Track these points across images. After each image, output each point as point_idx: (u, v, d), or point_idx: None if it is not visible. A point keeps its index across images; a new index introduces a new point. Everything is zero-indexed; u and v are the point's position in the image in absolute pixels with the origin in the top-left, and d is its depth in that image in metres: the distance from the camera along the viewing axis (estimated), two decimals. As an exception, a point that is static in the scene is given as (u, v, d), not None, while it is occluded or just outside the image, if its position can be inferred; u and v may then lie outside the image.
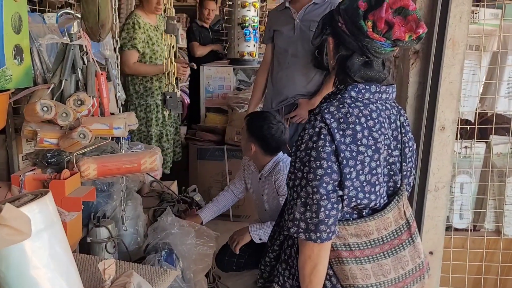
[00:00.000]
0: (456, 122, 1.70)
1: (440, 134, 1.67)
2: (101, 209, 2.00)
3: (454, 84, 1.64)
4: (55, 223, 0.95)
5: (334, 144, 1.14)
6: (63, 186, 1.45)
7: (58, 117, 1.57)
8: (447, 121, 1.67)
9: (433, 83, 1.61)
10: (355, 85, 1.20)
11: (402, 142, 1.27)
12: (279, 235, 1.39)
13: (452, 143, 1.70)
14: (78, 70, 1.69)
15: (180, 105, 1.77)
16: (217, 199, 2.78)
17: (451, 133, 1.69)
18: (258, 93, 2.97)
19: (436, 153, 1.69)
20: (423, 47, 1.63)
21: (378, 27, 1.12)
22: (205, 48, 4.84)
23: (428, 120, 1.64)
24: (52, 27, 1.90)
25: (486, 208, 2.03)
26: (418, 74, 1.64)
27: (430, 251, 1.81)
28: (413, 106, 1.67)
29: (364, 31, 1.13)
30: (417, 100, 1.66)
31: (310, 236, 1.16)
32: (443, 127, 1.66)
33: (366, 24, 1.13)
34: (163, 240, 2.11)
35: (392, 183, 1.27)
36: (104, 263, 1.11)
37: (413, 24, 1.13)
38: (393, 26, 1.12)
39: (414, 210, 1.71)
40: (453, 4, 1.54)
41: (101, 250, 1.92)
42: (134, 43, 3.03)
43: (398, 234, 1.25)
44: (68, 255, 0.98)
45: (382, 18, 1.11)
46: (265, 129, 2.30)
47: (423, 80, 1.63)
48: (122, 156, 1.80)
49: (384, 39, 1.14)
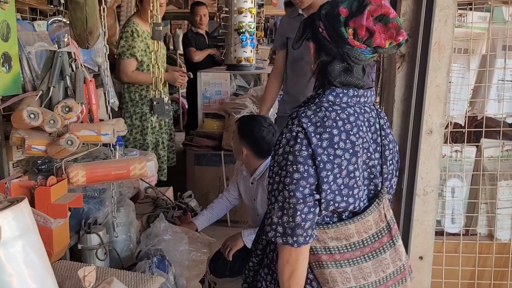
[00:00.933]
0: (443, 125, 1.70)
1: (427, 138, 1.66)
2: (93, 216, 2.00)
3: (441, 88, 1.64)
4: (30, 230, 0.95)
5: (311, 148, 1.14)
6: (48, 192, 1.45)
7: (45, 124, 1.58)
8: (434, 125, 1.66)
9: (420, 86, 1.61)
10: (333, 89, 1.21)
11: (382, 144, 1.27)
12: (262, 240, 1.39)
13: (440, 146, 1.70)
14: (67, 77, 1.70)
15: (168, 111, 1.77)
16: (212, 206, 2.77)
17: (438, 137, 1.68)
18: (269, 98, 2.98)
19: (423, 156, 1.68)
20: (409, 50, 1.63)
21: (359, 34, 1.13)
22: (202, 53, 4.87)
23: (415, 123, 1.64)
24: (42, 34, 1.92)
25: (478, 212, 2.02)
26: (404, 77, 1.64)
27: (420, 255, 1.80)
28: (400, 110, 1.67)
29: (345, 38, 1.14)
30: (404, 104, 1.66)
31: (287, 240, 1.16)
32: (430, 131, 1.66)
33: (347, 31, 1.14)
34: (155, 247, 2.11)
35: (373, 186, 1.27)
36: (84, 270, 1.11)
37: (394, 32, 1.14)
38: (374, 33, 1.13)
39: (402, 214, 1.70)
40: (437, 7, 1.54)
41: (92, 256, 1.92)
42: (133, 51, 3.05)
43: (378, 237, 1.25)
44: (44, 263, 0.97)
45: (363, 25, 1.12)
46: (256, 132, 2.30)
47: (409, 83, 1.63)
48: (111, 163, 1.81)
49: (365, 46, 1.15)
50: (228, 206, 2.80)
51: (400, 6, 1.60)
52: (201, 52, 4.86)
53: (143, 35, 3.10)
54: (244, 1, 3.96)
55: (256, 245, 1.42)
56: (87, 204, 1.97)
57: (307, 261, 1.22)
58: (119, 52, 3.10)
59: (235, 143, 2.42)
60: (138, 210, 2.49)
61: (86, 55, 2.13)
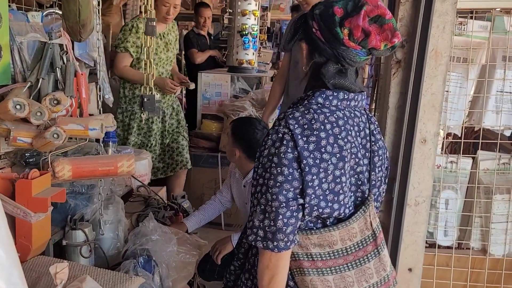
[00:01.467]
0: (438, 135, 1.66)
1: (421, 147, 1.62)
2: (79, 212, 1.97)
3: (437, 96, 1.60)
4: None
5: (297, 151, 1.11)
6: (30, 185, 1.42)
7: (31, 116, 1.55)
8: (428, 134, 1.63)
9: (414, 94, 1.57)
10: (323, 91, 1.18)
11: (371, 150, 1.23)
12: (245, 244, 1.36)
13: (434, 156, 1.66)
14: (57, 69, 1.68)
15: (158, 108, 1.74)
16: (204, 207, 2.74)
17: (432, 146, 1.65)
18: (273, 100, 2.98)
19: (416, 166, 1.64)
20: (405, 57, 1.59)
21: (354, 35, 1.10)
22: (204, 54, 4.86)
23: (408, 132, 1.60)
24: (36, 25, 1.89)
25: (472, 225, 1.97)
26: (399, 84, 1.61)
27: (409, 267, 1.76)
28: (394, 117, 1.63)
29: (340, 38, 1.11)
30: (398, 111, 1.62)
31: (268, 244, 1.13)
32: (424, 140, 1.62)
33: (342, 32, 1.11)
34: (142, 246, 2.07)
35: (360, 193, 1.23)
36: (56, 266, 1.08)
37: (389, 33, 1.11)
38: (369, 34, 1.10)
39: (392, 224, 1.66)
40: (436, 14, 1.51)
41: (76, 253, 1.88)
42: (126, 45, 3.02)
43: (363, 245, 1.21)
44: (11, 258, 0.93)
45: (359, 26, 1.09)
46: (250, 134, 2.27)
47: (404, 90, 1.60)
48: (98, 158, 1.78)
49: (360, 47, 1.12)
50: (221, 208, 2.77)
51: (397, 10, 1.57)
52: (202, 53, 4.85)
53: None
54: (248, 3, 3.94)
55: (239, 248, 1.39)
56: (75, 200, 1.94)
57: (288, 267, 1.18)
58: (115, 45, 3.09)
59: (229, 144, 2.39)
60: (129, 209, 2.46)
61: (82, 49, 2.11)
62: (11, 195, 1.46)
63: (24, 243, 1.45)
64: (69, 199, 1.87)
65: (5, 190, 1.47)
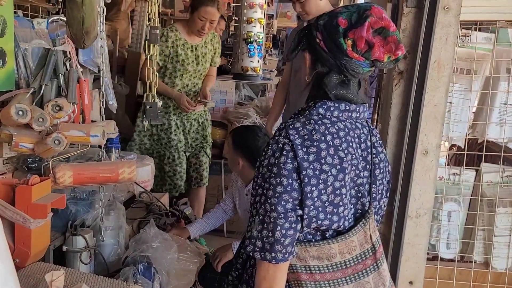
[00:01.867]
0: (440, 146, 1.64)
1: (422, 159, 1.61)
2: (80, 218, 1.97)
3: (439, 107, 1.59)
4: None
5: (297, 161, 1.10)
6: (29, 191, 1.43)
7: (33, 122, 1.56)
8: (430, 145, 1.61)
9: (416, 105, 1.56)
10: (324, 102, 1.17)
11: (373, 163, 1.22)
12: (243, 254, 1.35)
13: (436, 168, 1.64)
14: (60, 76, 1.69)
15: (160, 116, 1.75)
16: (207, 215, 2.73)
17: (434, 158, 1.63)
18: (276, 109, 2.99)
19: (418, 178, 1.63)
20: (407, 68, 1.59)
21: (357, 46, 1.10)
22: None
23: (410, 143, 1.59)
24: (41, 32, 1.91)
25: (474, 238, 1.95)
26: (401, 95, 1.60)
27: (410, 280, 1.74)
28: (396, 128, 1.62)
29: (344, 49, 1.11)
30: (400, 122, 1.61)
31: (265, 255, 1.12)
32: (426, 151, 1.61)
33: (346, 43, 1.10)
34: (142, 253, 2.07)
35: (360, 206, 1.22)
36: (52, 274, 1.08)
37: (393, 46, 1.11)
38: (373, 46, 1.10)
39: (392, 236, 1.64)
40: (438, 25, 1.50)
41: (76, 259, 1.88)
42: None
43: (362, 258, 1.20)
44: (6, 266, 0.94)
45: (363, 37, 1.09)
46: (251, 142, 2.26)
47: (406, 101, 1.59)
48: (99, 165, 1.79)
49: (363, 58, 1.12)
50: (224, 217, 2.76)
51: (400, 22, 1.56)
52: None
53: (175, 42, 2.99)
54: (253, 11, 3.96)
55: (237, 258, 1.38)
56: (76, 205, 1.94)
57: (285, 279, 1.17)
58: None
59: (230, 154, 2.38)
60: (130, 215, 2.46)
61: (86, 56, 2.12)
62: (11, 200, 1.47)
63: (23, 249, 1.45)
64: (70, 205, 1.88)
65: (6, 196, 1.48)
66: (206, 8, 2.82)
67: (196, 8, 2.85)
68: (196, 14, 2.86)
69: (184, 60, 3.02)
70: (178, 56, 2.99)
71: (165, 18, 5.84)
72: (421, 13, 1.53)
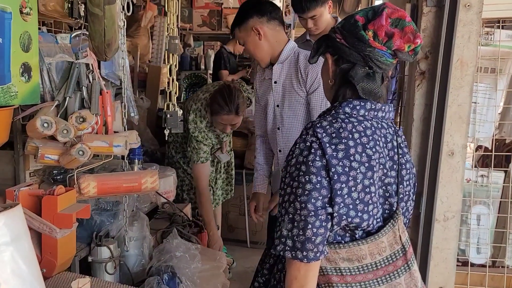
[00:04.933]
0: (466, 147, 1.60)
1: (448, 160, 1.57)
2: (105, 228, 1.99)
3: (463, 107, 1.56)
4: (21, 237, 0.93)
5: (325, 159, 1.10)
6: (55, 202, 1.45)
7: (58, 133, 1.59)
8: (456, 146, 1.57)
9: (440, 105, 1.53)
10: (350, 101, 1.18)
11: (399, 163, 1.21)
12: (269, 259, 1.33)
13: (462, 169, 1.60)
14: (83, 88, 1.73)
15: (181, 124, 1.76)
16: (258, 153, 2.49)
17: (461, 159, 1.59)
18: None
19: (444, 180, 1.58)
20: (429, 67, 1.56)
21: (379, 35, 1.13)
22: (235, 76, 4.89)
23: (435, 144, 1.55)
24: (64, 47, 1.95)
25: (506, 242, 1.88)
26: (424, 96, 1.57)
27: (440, 286, 1.68)
28: (419, 130, 1.59)
29: (366, 40, 1.13)
30: (423, 124, 1.58)
31: (297, 254, 1.10)
32: (452, 152, 1.56)
33: (367, 34, 1.13)
34: (166, 263, 2.08)
35: (388, 206, 1.20)
36: (78, 282, 1.09)
37: (411, 36, 1.13)
38: (392, 36, 1.12)
39: (420, 240, 1.60)
40: (460, 23, 1.48)
41: (101, 270, 1.90)
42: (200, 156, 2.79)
43: (393, 259, 1.17)
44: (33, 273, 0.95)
45: (383, 26, 1.12)
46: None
47: (429, 102, 1.56)
48: (122, 175, 1.80)
49: (385, 48, 1.14)
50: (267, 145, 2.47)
51: (420, 21, 1.54)
52: (234, 75, 4.87)
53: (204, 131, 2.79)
54: (271, 21, 3.96)
55: (263, 264, 1.36)
56: (100, 216, 1.96)
57: (316, 279, 1.15)
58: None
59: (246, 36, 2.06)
60: (154, 225, 2.47)
61: (108, 69, 2.16)
62: (38, 211, 1.49)
63: (50, 259, 1.47)
64: (95, 216, 1.90)
65: (32, 207, 1.50)
66: (222, 117, 2.63)
67: (212, 113, 2.67)
68: (214, 119, 2.69)
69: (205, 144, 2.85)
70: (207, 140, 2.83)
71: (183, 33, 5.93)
72: (441, 11, 1.50)
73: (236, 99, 2.61)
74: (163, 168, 2.90)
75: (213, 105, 2.64)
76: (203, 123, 2.73)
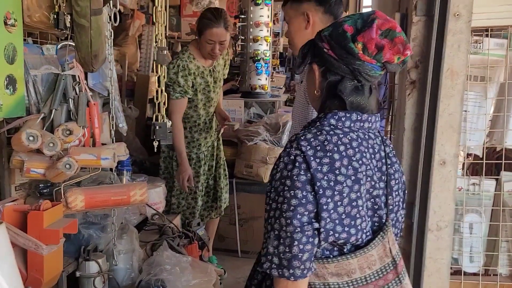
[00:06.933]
0: (457, 156, 1.60)
1: (440, 169, 1.56)
2: (93, 242, 1.95)
3: (454, 116, 1.56)
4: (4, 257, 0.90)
5: (310, 173, 1.07)
6: (41, 217, 1.41)
7: (44, 147, 1.56)
8: (448, 155, 1.57)
9: (431, 115, 1.53)
10: (335, 113, 1.15)
11: (388, 174, 1.19)
12: (258, 274, 1.30)
13: (454, 179, 1.59)
14: (70, 100, 1.69)
15: (170, 136, 1.74)
16: None
17: (452, 168, 1.59)
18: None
19: (436, 189, 1.58)
20: (419, 77, 1.56)
21: (368, 48, 1.09)
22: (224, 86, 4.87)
23: (426, 154, 1.55)
24: (50, 58, 1.92)
25: (498, 250, 1.88)
26: (415, 105, 1.57)
27: (434, 296, 1.67)
28: (411, 139, 1.58)
29: (355, 53, 1.10)
30: (414, 133, 1.57)
31: (283, 272, 1.08)
32: (443, 162, 1.56)
33: (356, 47, 1.10)
34: (156, 276, 2.04)
35: (377, 218, 1.18)
36: (65, 300, 1.05)
37: (400, 47, 1.10)
38: (382, 48, 1.09)
39: (413, 251, 1.59)
40: (450, 33, 1.48)
41: (89, 285, 1.86)
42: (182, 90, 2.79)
43: (383, 273, 1.15)
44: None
45: (373, 39, 1.09)
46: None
47: (420, 111, 1.56)
48: (110, 188, 1.77)
49: (375, 61, 1.11)
50: None
51: (410, 30, 1.54)
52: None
53: (196, 72, 2.83)
54: (259, 30, 3.99)
55: (252, 280, 1.33)
56: (88, 230, 1.93)
57: None
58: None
59: (294, 16, 1.85)
60: (143, 238, 2.43)
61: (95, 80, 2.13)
62: (23, 227, 1.45)
63: (36, 276, 1.43)
64: (82, 230, 1.86)
65: (18, 222, 1.46)
66: (212, 30, 2.66)
67: (201, 31, 2.71)
68: (203, 38, 2.71)
69: (205, 88, 2.89)
70: (200, 85, 2.85)
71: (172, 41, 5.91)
72: (431, 21, 1.51)
73: (224, 14, 2.75)
74: (152, 178, 2.87)
75: (202, 21, 2.74)
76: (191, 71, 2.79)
